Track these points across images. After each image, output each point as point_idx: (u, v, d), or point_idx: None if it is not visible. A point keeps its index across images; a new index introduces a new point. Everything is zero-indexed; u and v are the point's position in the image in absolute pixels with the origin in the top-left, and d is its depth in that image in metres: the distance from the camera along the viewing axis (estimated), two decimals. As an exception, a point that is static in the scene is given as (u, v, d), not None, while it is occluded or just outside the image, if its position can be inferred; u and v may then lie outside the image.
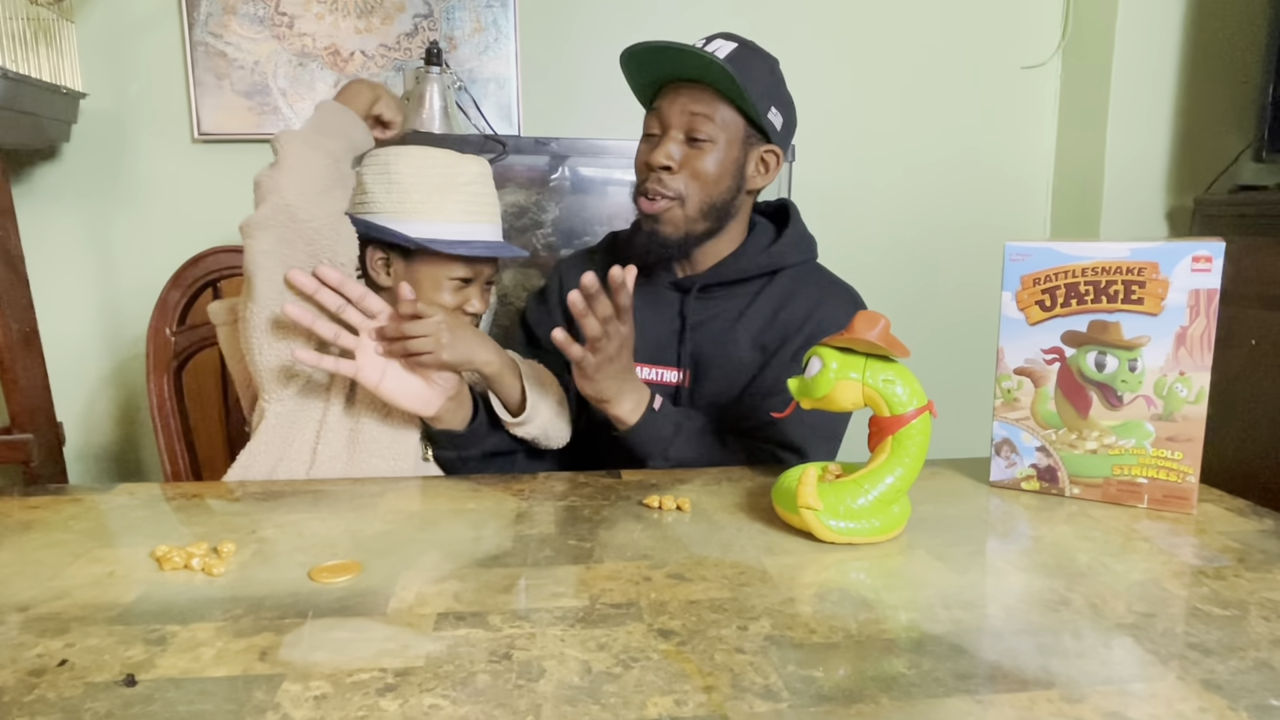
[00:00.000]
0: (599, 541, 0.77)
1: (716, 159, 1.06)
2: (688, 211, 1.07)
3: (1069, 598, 0.65)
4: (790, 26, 2.03)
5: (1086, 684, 0.53)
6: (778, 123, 1.09)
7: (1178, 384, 0.82)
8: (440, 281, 1.03)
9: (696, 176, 1.05)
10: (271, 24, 1.87)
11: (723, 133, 1.05)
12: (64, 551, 0.75)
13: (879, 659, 0.56)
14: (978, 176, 2.15)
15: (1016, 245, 0.88)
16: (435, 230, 1.01)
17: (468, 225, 1.03)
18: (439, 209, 1.01)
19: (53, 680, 0.54)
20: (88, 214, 1.89)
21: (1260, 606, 0.64)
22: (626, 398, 0.99)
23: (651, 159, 1.06)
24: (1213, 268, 0.80)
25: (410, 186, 1.01)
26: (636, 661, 0.55)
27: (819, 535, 0.75)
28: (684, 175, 1.06)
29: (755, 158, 1.10)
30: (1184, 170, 1.97)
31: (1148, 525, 0.81)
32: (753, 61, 1.06)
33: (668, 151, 1.05)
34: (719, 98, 1.05)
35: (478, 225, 1.04)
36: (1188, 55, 1.94)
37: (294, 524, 0.82)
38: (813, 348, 0.80)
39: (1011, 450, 0.91)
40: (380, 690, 0.52)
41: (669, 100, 1.06)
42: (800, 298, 1.11)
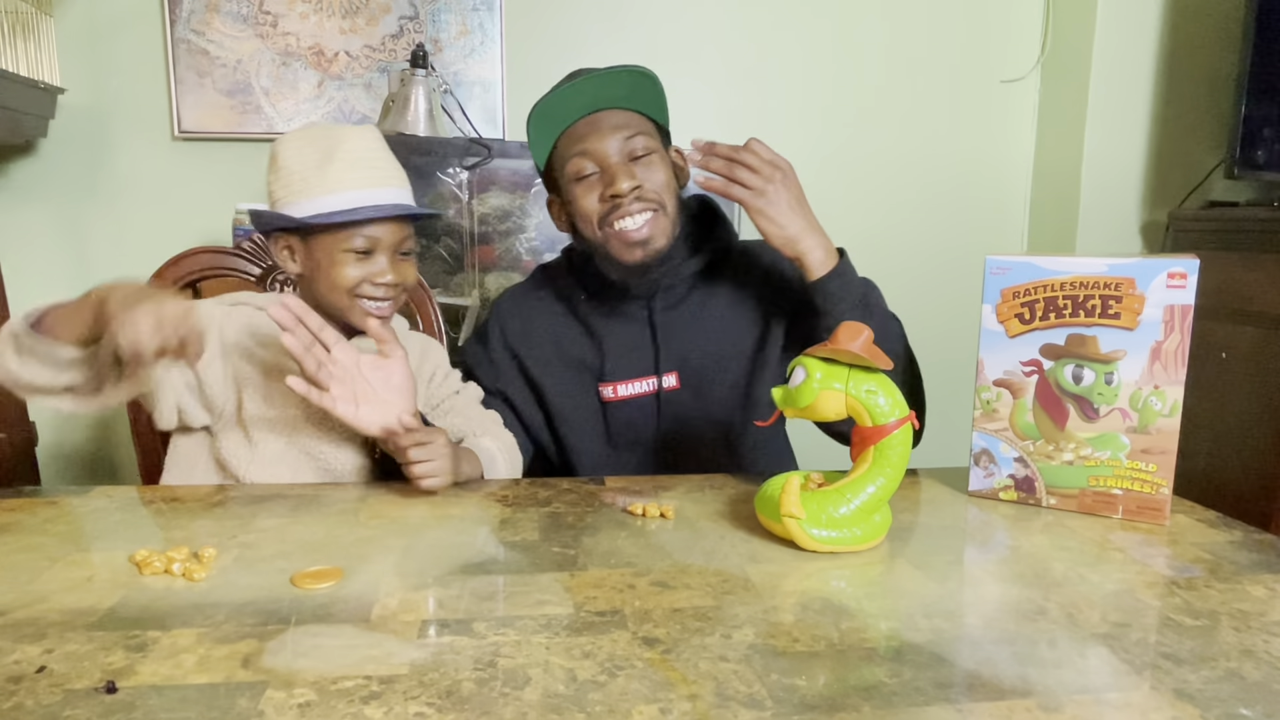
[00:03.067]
0: (583, 549, 0.77)
1: (663, 167, 1.07)
2: (670, 215, 1.07)
3: (1046, 607, 0.67)
4: (773, 38, 2.05)
5: (1063, 693, 0.54)
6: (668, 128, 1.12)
7: (1152, 397, 0.84)
8: (335, 256, 0.98)
9: (658, 185, 1.06)
10: (255, 22, 1.86)
11: (654, 140, 1.07)
12: (41, 555, 0.74)
13: (860, 668, 0.57)
14: (957, 188, 2.17)
15: (997, 259, 0.90)
16: (319, 205, 0.97)
17: (354, 193, 0.97)
18: (321, 183, 0.97)
19: (31, 687, 0.53)
20: (65, 212, 1.87)
21: (1230, 617, 0.65)
22: (816, 240, 1.04)
23: (617, 188, 1.02)
24: (1188, 284, 0.82)
25: (293, 168, 0.97)
26: (621, 670, 0.56)
27: (801, 543, 0.76)
28: (649, 187, 1.05)
29: (674, 158, 1.12)
30: (1158, 185, 2.01)
31: (1122, 536, 0.83)
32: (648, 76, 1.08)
33: (628, 172, 1.03)
34: (631, 114, 1.06)
35: (366, 192, 0.98)
36: (1163, 73, 1.97)
37: (275, 529, 0.81)
38: (797, 358, 0.81)
39: (990, 460, 0.92)
40: (365, 698, 0.52)
41: (590, 138, 1.04)
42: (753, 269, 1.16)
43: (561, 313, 1.17)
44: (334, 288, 0.98)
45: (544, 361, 1.15)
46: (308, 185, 0.97)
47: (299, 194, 0.97)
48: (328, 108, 1.91)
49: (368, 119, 1.91)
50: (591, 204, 1.05)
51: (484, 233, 1.84)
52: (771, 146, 1.04)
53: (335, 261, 0.98)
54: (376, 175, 1.00)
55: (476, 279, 1.84)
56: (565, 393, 1.14)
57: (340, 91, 1.91)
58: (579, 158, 1.05)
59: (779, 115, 2.08)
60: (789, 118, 2.08)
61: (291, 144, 0.98)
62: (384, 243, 1.00)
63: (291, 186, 0.97)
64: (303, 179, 0.97)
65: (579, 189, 1.06)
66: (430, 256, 1.85)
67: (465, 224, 1.84)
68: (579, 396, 1.14)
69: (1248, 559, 0.77)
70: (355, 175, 0.97)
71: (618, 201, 1.03)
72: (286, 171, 0.98)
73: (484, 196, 1.82)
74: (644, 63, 1.07)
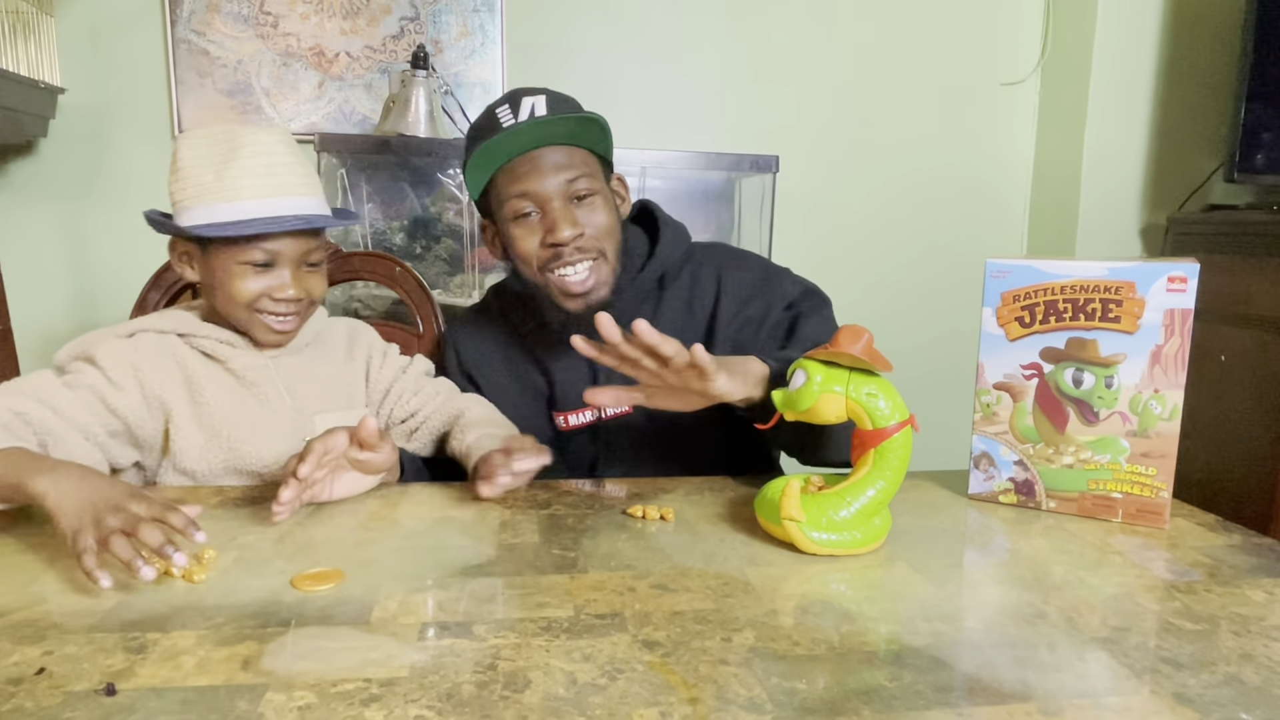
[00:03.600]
0: (583, 551, 0.77)
1: (605, 207, 1.02)
2: (611, 264, 1.03)
3: (1045, 611, 0.67)
4: (772, 41, 2.05)
5: (1063, 697, 0.54)
6: (611, 151, 1.07)
7: (1152, 401, 0.84)
8: (233, 268, 0.92)
9: (599, 230, 1.01)
10: (255, 23, 1.86)
11: (595, 179, 1.02)
12: (40, 556, 0.74)
13: (860, 671, 0.57)
14: (957, 190, 2.18)
15: (997, 262, 0.90)
16: (215, 214, 0.90)
17: (252, 202, 0.90)
18: (218, 189, 0.90)
19: (30, 689, 0.53)
20: (65, 211, 1.87)
21: (1230, 621, 0.65)
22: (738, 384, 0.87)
23: (558, 236, 0.98)
24: (1188, 288, 0.82)
25: (191, 170, 0.91)
26: (622, 673, 0.56)
27: (801, 546, 0.76)
28: (589, 235, 1.00)
29: (615, 189, 1.08)
30: (1158, 188, 2.01)
31: (1121, 539, 0.83)
32: (566, 99, 1.03)
33: (572, 220, 0.99)
34: (574, 150, 1.01)
35: (266, 201, 0.91)
36: (1163, 76, 1.98)
37: (275, 531, 0.81)
38: (797, 360, 0.81)
39: (990, 464, 0.92)
40: (365, 700, 0.52)
41: (532, 176, 0.99)
42: (703, 282, 1.10)
43: (512, 339, 1.14)
44: (231, 301, 0.94)
45: (500, 388, 1.13)
46: (204, 191, 0.90)
47: (195, 199, 0.91)
48: (328, 108, 1.91)
49: (368, 120, 1.91)
50: (531, 247, 1.01)
51: (484, 234, 1.84)
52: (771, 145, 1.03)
53: (233, 274, 0.92)
54: (277, 182, 0.92)
55: (476, 280, 1.84)
56: (521, 418, 1.10)
57: (341, 92, 1.91)
58: (518, 199, 1.00)
59: (778, 118, 2.08)
60: (788, 120, 2.08)
61: (191, 144, 0.92)
62: (286, 255, 0.93)
63: (188, 191, 0.91)
64: (199, 184, 0.91)
65: (518, 229, 1.02)
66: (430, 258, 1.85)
67: (465, 225, 1.84)
68: (534, 422, 1.11)
69: (1247, 563, 0.77)
70: (254, 182, 0.91)
71: (558, 250, 0.99)
72: (184, 174, 0.91)
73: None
74: (643, 64, 1.07)
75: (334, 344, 1.08)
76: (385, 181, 1.87)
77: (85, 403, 0.89)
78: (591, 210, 1.02)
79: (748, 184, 1.96)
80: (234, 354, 0.98)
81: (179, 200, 0.93)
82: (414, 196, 1.87)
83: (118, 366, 0.92)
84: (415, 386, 1.09)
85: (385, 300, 1.75)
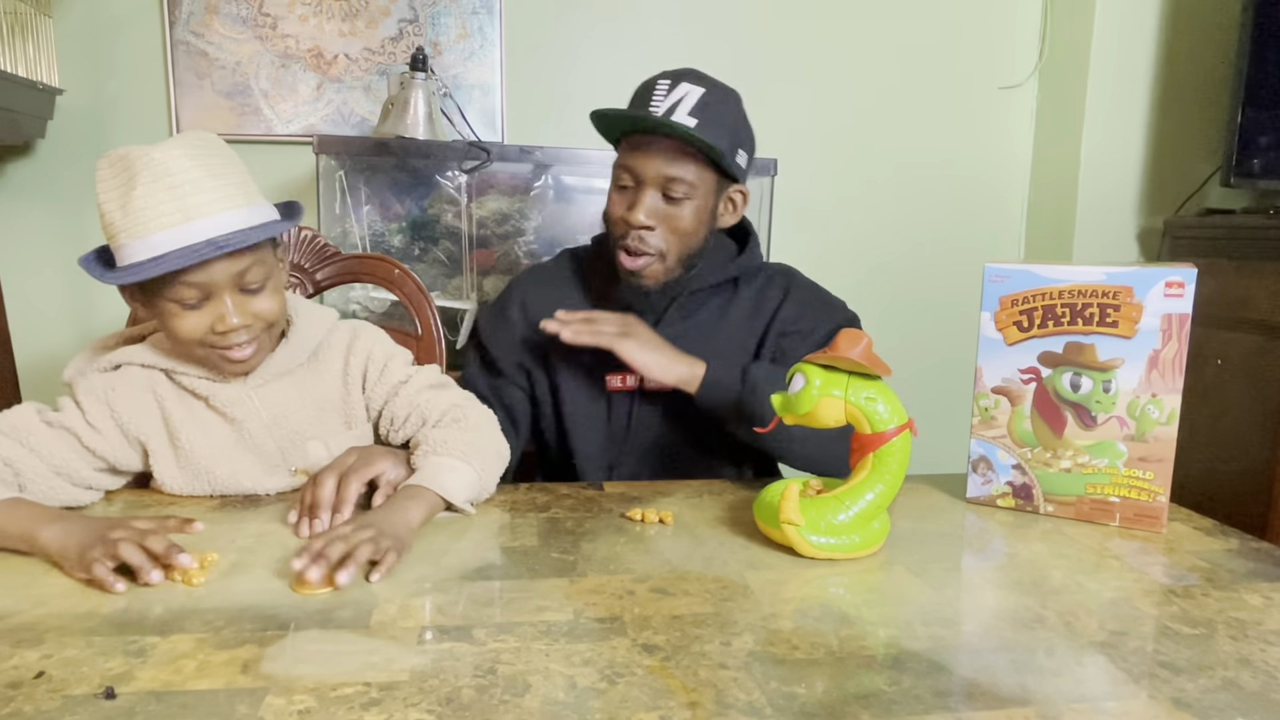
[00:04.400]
0: (582, 555, 0.77)
1: (693, 214, 1.06)
2: (668, 264, 1.08)
3: (1043, 615, 0.67)
4: (772, 45, 2.06)
5: (1061, 702, 0.54)
6: (744, 162, 1.10)
7: (1150, 405, 0.84)
8: (165, 309, 0.84)
9: (675, 232, 1.06)
10: (254, 24, 1.86)
11: (698, 188, 1.05)
12: (40, 561, 0.73)
13: (859, 675, 0.57)
14: (955, 194, 2.18)
15: (996, 267, 0.90)
16: (128, 254, 0.80)
17: (162, 235, 0.79)
18: (125, 225, 0.80)
19: (30, 693, 0.53)
20: (63, 212, 1.86)
21: (1227, 625, 0.65)
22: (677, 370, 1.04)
23: (631, 218, 1.04)
24: (1185, 293, 0.82)
25: (104, 206, 0.81)
26: (621, 677, 0.56)
27: (800, 550, 0.76)
28: (662, 231, 1.05)
29: (725, 200, 1.11)
30: (1155, 192, 2.02)
31: (1119, 543, 0.83)
32: (721, 107, 1.05)
33: (648, 210, 1.04)
34: (691, 154, 1.04)
35: (175, 231, 0.80)
36: (1160, 81, 1.98)
37: (274, 534, 0.81)
38: (796, 364, 0.81)
39: (988, 467, 0.93)
40: (365, 704, 0.52)
41: (642, 157, 1.04)
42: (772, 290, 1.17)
43: (580, 298, 1.18)
44: (180, 342, 0.87)
45: (558, 344, 1.12)
46: (115, 230, 0.81)
47: (113, 239, 0.82)
48: (326, 110, 1.91)
49: (367, 122, 1.91)
50: (617, 211, 1.08)
51: (482, 236, 1.84)
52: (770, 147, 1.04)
53: (170, 314, 0.84)
54: (184, 205, 0.80)
55: (475, 282, 1.84)
56: (573, 375, 1.14)
57: (339, 94, 1.91)
58: (622, 168, 1.07)
59: (778, 122, 2.08)
60: (788, 124, 2.08)
61: (100, 175, 0.82)
62: (218, 284, 0.83)
63: (108, 230, 0.82)
64: (110, 222, 0.81)
65: (614, 193, 1.09)
66: (429, 260, 1.85)
67: (464, 227, 1.84)
68: (585, 381, 1.14)
69: (1244, 567, 0.77)
70: (159, 210, 0.79)
71: (627, 230, 1.05)
72: (100, 211, 0.82)
73: (483, 200, 1.82)
74: (641, 66, 1.07)
75: (331, 360, 0.99)
76: (383, 184, 1.86)
77: (65, 442, 0.87)
78: (676, 212, 1.05)
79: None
80: (216, 389, 0.92)
81: (108, 238, 0.83)
82: (412, 199, 1.87)
83: (95, 407, 0.90)
84: (409, 407, 0.97)
85: (383, 302, 1.74)
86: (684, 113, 1.02)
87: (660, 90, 1.04)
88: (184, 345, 0.87)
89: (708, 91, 1.04)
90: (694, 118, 1.02)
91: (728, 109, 1.06)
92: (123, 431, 0.91)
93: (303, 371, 0.97)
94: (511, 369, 1.17)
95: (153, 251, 0.79)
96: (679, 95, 1.03)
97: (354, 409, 0.99)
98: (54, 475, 0.86)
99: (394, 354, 1.01)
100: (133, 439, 0.91)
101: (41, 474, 0.84)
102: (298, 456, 0.95)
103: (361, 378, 0.99)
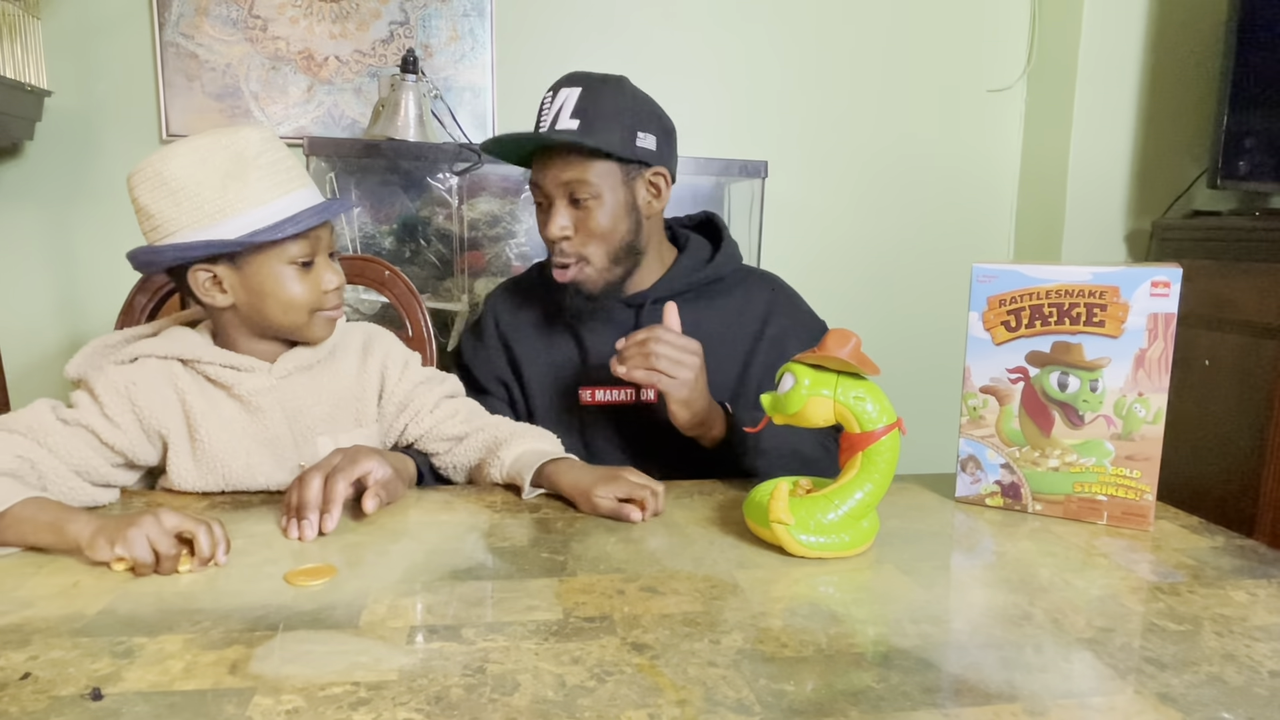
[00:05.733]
0: (572, 554, 0.77)
1: (605, 212, 1.06)
2: (596, 266, 1.08)
3: (1031, 612, 0.67)
4: (761, 47, 2.06)
5: (1049, 698, 0.54)
6: (652, 143, 1.08)
7: (1136, 404, 0.85)
8: (281, 273, 0.90)
9: (592, 235, 1.06)
10: (244, 26, 1.86)
11: (602, 185, 1.05)
12: (27, 561, 0.73)
13: (848, 673, 0.57)
14: (944, 196, 2.19)
15: (984, 267, 0.90)
16: (255, 220, 0.87)
17: (282, 201, 0.88)
18: (243, 195, 0.86)
19: (15, 694, 0.53)
20: (52, 214, 1.86)
21: (1212, 622, 0.66)
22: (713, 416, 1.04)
23: (548, 234, 1.07)
24: (1170, 292, 0.83)
25: (198, 186, 0.85)
26: (610, 675, 0.56)
27: (790, 549, 0.76)
28: (580, 237, 1.07)
29: (643, 187, 1.09)
30: (1143, 194, 2.03)
31: (1107, 541, 0.83)
32: (604, 99, 1.04)
33: (559, 224, 1.06)
34: (583, 156, 1.04)
35: (294, 195, 0.89)
36: (1147, 85, 2.00)
37: (264, 534, 0.81)
38: (786, 364, 0.82)
39: (977, 467, 0.93)
40: (353, 704, 0.52)
41: (541, 172, 1.07)
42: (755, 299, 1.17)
43: (552, 310, 1.17)
44: (290, 307, 0.91)
45: (531, 356, 1.16)
46: (226, 202, 0.86)
47: (215, 214, 0.86)
48: (317, 112, 1.91)
49: (358, 124, 1.91)
50: (540, 231, 1.10)
51: (473, 238, 1.84)
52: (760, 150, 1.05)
53: (282, 279, 0.90)
54: (295, 174, 0.91)
55: (466, 284, 1.84)
56: (545, 389, 1.15)
57: (330, 96, 1.91)
58: (532, 189, 1.09)
59: (768, 124, 2.09)
60: (777, 126, 2.09)
61: (185, 158, 0.86)
62: (322, 246, 0.92)
63: (203, 208, 0.86)
64: (219, 195, 0.86)
65: (538, 215, 1.11)
66: (420, 261, 1.85)
67: (455, 229, 1.84)
68: (558, 395, 1.15)
69: (1230, 564, 0.78)
70: (277, 179, 0.88)
71: (552, 245, 1.09)
72: (188, 192, 0.85)
73: (474, 202, 1.82)
74: (632, 69, 1.08)
75: (347, 358, 1.02)
76: (374, 185, 1.86)
77: (82, 440, 0.87)
78: (587, 215, 1.06)
79: (737, 189, 1.96)
80: (241, 379, 0.93)
81: (191, 223, 0.86)
82: (403, 201, 1.87)
83: (115, 401, 0.90)
84: (433, 404, 1.04)
85: (374, 304, 1.74)
86: (566, 118, 1.03)
87: (545, 104, 1.06)
88: (291, 313, 0.92)
89: (585, 90, 1.04)
90: (575, 119, 1.02)
91: (610, 98, 1.05)
92: (142, 425, 0.91)
93: (321, 367, 0.99)
94: (493, 385, 1.18)
95: (276, 216, 0.87)
96: (559, 103, 1.04)
97: (365, 407, 1.01)
98: (73, 475, 0.86)
99: (409, 356, 1.07)
100: (152, 432, 0.91)
101: (61, 474, 0.85)
102: (309, 451, 0.96)
103: (380, 376, 1.03)
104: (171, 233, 0.87)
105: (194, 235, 0.86)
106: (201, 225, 0.86)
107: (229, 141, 0.87)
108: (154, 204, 0.87)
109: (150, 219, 0.88)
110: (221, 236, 0.86)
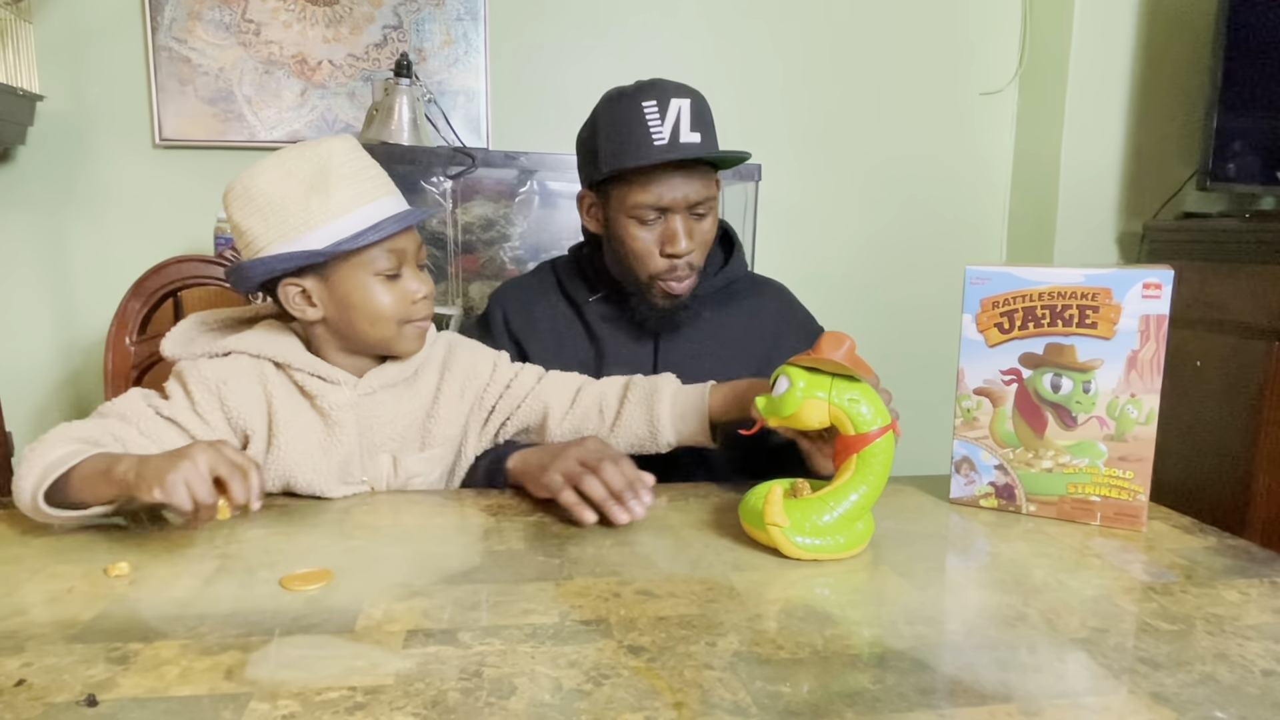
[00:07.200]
0: (568, 557, 0.77)
1: (713, 221, 1.09)
2: (698, 273, 1.10)
3: (1025, 613, 0.67)
4: (755, 51, 2.07)
5: (1043, 698, 0.55)
6: None
7: (1129, 405, 0.86)
8: (368, 284, 0.89)
9: (704, 245, 1.09)
10: (237, 31, 1.86)
11: (717, 197, 1.09)
12: (21, 567, 0.73)
13: (844, 674, 0.57)
14: (937, 199, 2.20)
15: (977, 269, 0.91)
16: (334, 231, 0.87)
17: (367, 209, 0.88)
18: (326, 206, 0.86)
19: (10, 701, 0.52)
20: (44, 220, 1.85)
21: (1205, 621, 0.66)
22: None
23: (677, 250, 1.04)
24: (1162, 294, 0.83)
25: (283, 200, 0.86)
26: (607, 678, 0.56)
27: (785, 551, 0.76)
28: (699, 249, 1.08)
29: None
30: (1134, 196, 2.04)
31: (1100, 542, 0.84)
32: (707, 109, 1.06)
33: (689, 240, 1.05)
34: (712, 168, 1.07)
35: (378, 204, 0.89)
36: (1138, 87, 2.01)
37: (260, 539, 0.81)
38: (780, 367, 0.82)
39: (971, 468, 0.93)
40: (350, 709, 0.52)
41: (663, 189, 1.02)
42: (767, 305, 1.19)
43: (565, 311, 1.17)
44: (378, 319, 0.90)
45: (543, 358, 1.15)
46: (309, 214, 0.86)
47: (300, 227, 0.86)
48: (310, 116, 1.91)
49: (350, 128, 1.91)
50: (646, 247, 1.06)
51: (468, 241, 1.84)
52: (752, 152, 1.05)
53: (369, 290, 0.89)
54: (378, 183, 0.91)
55: (460, 288, 1.84)
56: None
57: (323, 100, 1.91)
58: (645, 208, 1.04)
59: (760, 127, 2.09)
60: (771, 130, 2.10)
61: (269, 174, 0.87)
62: (409, 254, 0.92)
63: (288, 221, 0.86)
64: (302, 208, 0.86)
65: (636, 227, 1.06)
66: (414, 265, 1.85)
67: (449, 233, 1.84)
68: None
69: (1222, 564, 0.78)
70: (360, 189, 0.88)
71: (674, 263, 1.06)
72: (274, 207, 0.86)
73: (468, 205, 1.83)
74: (624, 73, 1.08)
75: (428, 376, 1.00)
76: (368, 189, 1.86)
77: (173, 431, 0.89)
78: (701, 224, 1.07)
79: (730, 192, 1.97)
80: (326, 390, 0.93)
81: (274, 237, 0.87)
82: (397, 204, 1.87)
83: (206, 398, 0.90)
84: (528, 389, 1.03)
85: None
86: (687, 130, 1.01)
87: (652, 116, 1.00)
88: (380, 324, 0.91)
89: (694, 101, 1.03)
90: (696, 131, 1.01)
91: (709, 108, 1.07)
92: (230, 423, 0.92)
93: (404, 385, 0.98)
94: None
95: (369, 221, 0.87)
96: (673, 114, 1.00)
97: (434, 427, 1.00)
98: None
99: (496, 358, 1.06)
100: (238, 429, 0.92)
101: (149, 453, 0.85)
102: (371, 467, 0.97)
103: (477, 395, 1.02)
104: (261, 248, 0.88)
105: (281, 249, 0.87)
106: (287, 239, 0.87)
107: (312, 154, 0.88)
108: (245, 220, 0.88)
109: (242, 236, 0.89)
110: (306, 248, 0.86)
